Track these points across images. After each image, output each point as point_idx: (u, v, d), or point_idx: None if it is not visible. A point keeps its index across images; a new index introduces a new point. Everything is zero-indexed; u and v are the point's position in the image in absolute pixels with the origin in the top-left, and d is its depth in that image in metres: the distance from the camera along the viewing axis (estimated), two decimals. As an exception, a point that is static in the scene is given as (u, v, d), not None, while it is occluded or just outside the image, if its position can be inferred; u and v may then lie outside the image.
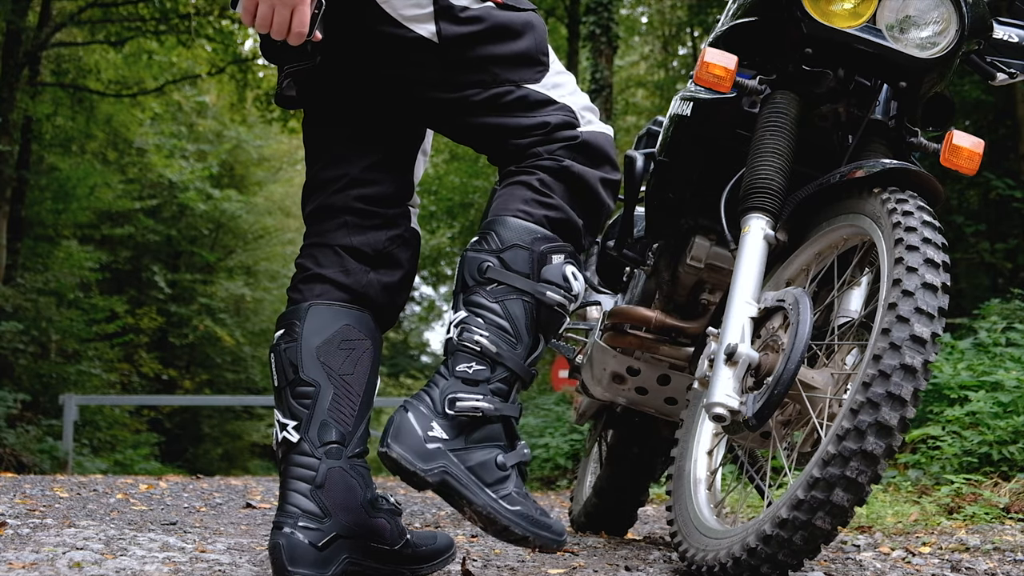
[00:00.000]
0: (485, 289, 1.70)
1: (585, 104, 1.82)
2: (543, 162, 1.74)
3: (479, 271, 1.70)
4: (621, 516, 3.36)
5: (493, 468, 1.64)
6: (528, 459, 1.70)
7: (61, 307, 14.19)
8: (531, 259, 1.70)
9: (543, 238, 1.71)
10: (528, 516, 1.63)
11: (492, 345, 1.67)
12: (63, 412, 11.91)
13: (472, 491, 1.62)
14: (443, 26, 1.72)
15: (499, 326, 1.68)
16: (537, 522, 1.64)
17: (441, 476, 1.61)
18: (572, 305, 1.75)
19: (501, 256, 1.70)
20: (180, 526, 2.77)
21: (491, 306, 1.69)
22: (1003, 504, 3.53)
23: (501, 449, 1.66)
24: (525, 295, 1.70)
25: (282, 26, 1.58)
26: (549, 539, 1.64)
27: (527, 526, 1.62)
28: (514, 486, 1.65)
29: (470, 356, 1.67)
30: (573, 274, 1.73)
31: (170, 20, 14.62)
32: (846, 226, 2.10)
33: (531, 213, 1.72)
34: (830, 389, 2.00)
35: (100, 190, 16.25)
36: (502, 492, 1.63)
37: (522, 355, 1.69)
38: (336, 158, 1.87)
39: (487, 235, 1.73)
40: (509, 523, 1.61)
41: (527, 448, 1.70)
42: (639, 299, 3.03)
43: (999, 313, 6.45)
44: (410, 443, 1.62)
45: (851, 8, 2.16)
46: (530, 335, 1.70)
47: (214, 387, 20.74)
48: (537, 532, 1.63)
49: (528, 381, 1.71)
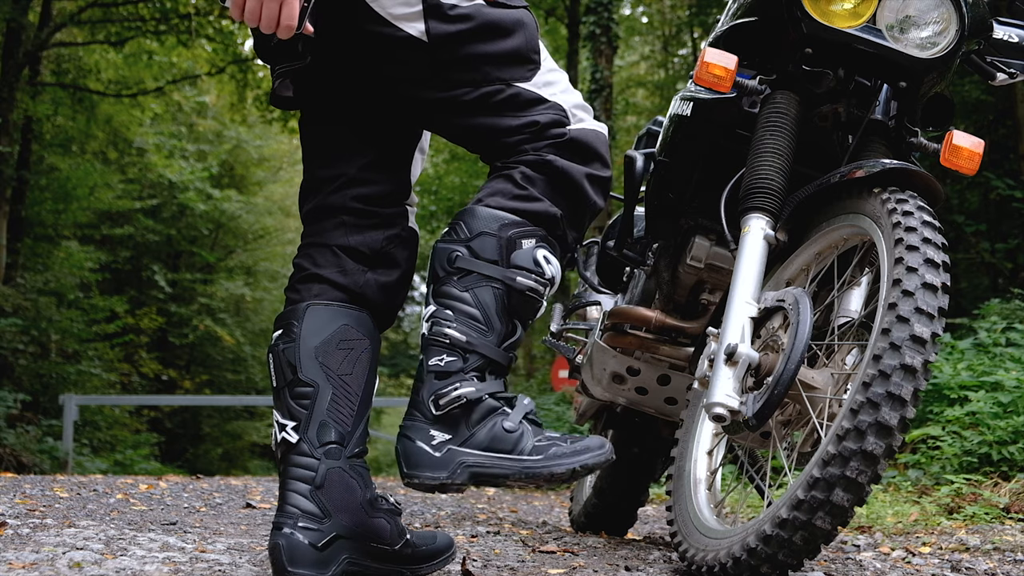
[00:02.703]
0: (454, 279, 1.71)
1: (577, 102, 1.81)
2: (527, 157, 1.74)
3: (448, 261, 1.72)
4: (621, 516, 3.36)
5: (504, 436, 1.66)
6: (531, 408, 1.71)
7: (61, 307, 14.19)
8: (499, 245, 1.70)
9: (511, 223, 1.71)
10: (562, 453, 1.65)
11: (461, 335, 1.68)
12: (63, 412, 11.91)
13: (501, 467, 1.65)
14: (432, 24, 1.71)
15: (469, 315, 1.69)
16: (575, 451, 1.66)
17: (467, 472, 1.65)
18: (547, 289, 1.75)
19: (469, 245, 1.71)
20: (180, 526, 2.77)
21: (461, 295, 1.70)
22: (1003, 504, 3.53)
23: (503, 415, 1.68)
24: (494, 282, 1.70)
25: (271, 19, 1.58)
26: (594, 457, 1.67)
27: (568, 461, 1.65)
28: (532, 438, 1.67)
29: (441, 349, 1.69)
30: (545, 258, 1.73)
31: (170, 20, 14.63)
32: (846, 226, 2.10)
33: (502, 203, 1.73)
34: (830, 389, 2.00)
35: (100, 190, 16.25)
36: (526, 449, 1.66)
37: (494, 341, 1.70)
38: (333, 158, 1.86)
39: (456, 225, 1.74)
40: (549, 470, 1.64)
41: (526, 399, 1.72)
42: (639, 299, 3.02)
43: (999, 313, 6.45)
44: (423, 462, 1.66)
45: (851, 8, 2.16)
46: (502, 322, 1.71)
47: (214, 387, 20.73)
48: (579, 459, 1.66)
49: (505, 365, 1.72)
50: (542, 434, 1.68)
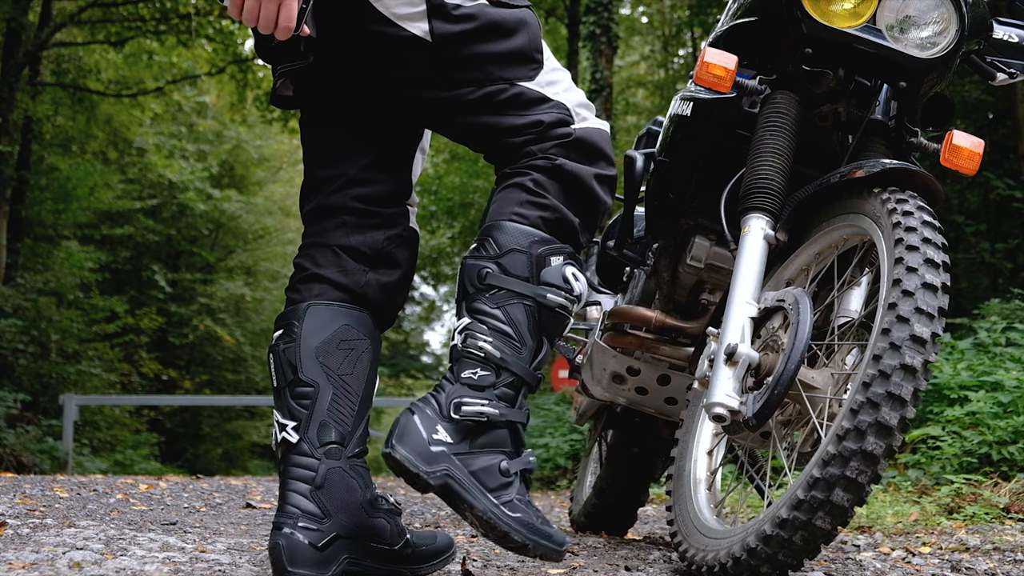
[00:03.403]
0: (486, 296, 1.70)
1: (580, 101, 1.81)
2: (536, 161, 1.74)
3: (479, 278, 1.70)
4: (621, 516, 3.36)
5: (496, 474, 1.64)
6: (533, 467, 1.69)
7: (61, 307, 14.18)
8: (529, 263, 1.70)
9: (540, 241, 1.71)
10: (529, 524, 1.63)
11: (496, 351, 1.67)
12: (63, 412, 11.90)
13: (473, 495, 1.62)
14: (436, 24, 1.71)
15: (502, 331, 1.68)
16: (538, 530, 1.63)
17: (443, 479, 1.62)
18: (575, 306, 1.74)
19: (499, 262, 1.70)
20: (180, 526, 2.77)
21: (493, 312, 1.68)
22: (1003, 504, 3.53)
23: (506, 455, 1.66)
24: (526, 299, 1.69)
25: (269, 20, 1.58)
26: (549, 548, 1.64)
27: (527, 534, 1.62)
28: (516, 493, 1.65)
29: (475, 362, 1.67)
30: (574, 275, 1.73)
31: (170, 20, 14.62)
32: (846, 226, 2.10)
33: (526, 216, 1.72)
34: (830, 389, 2.00)
35: (100, 190, 16.25)
36: (504, 498, 1.63)
37: (527, 359, 1.69)
38: (334, 158, 1.86)
39: (485, 241, 1.73)
40: (509, 529, 1.61)
41: (533, 456, 1.70)
42: (639, 299, 3.03)
43: (999, 313, 6.45)
44: (414, 445, 1.63)
45: (851, 8, 2.16)
46: (533, 338, 1.70)
47: (214, 387, 20.73)
48: (537, 540, 1.63)
49: (534, 385, 1.71)
50: (525, 496, 1.67)
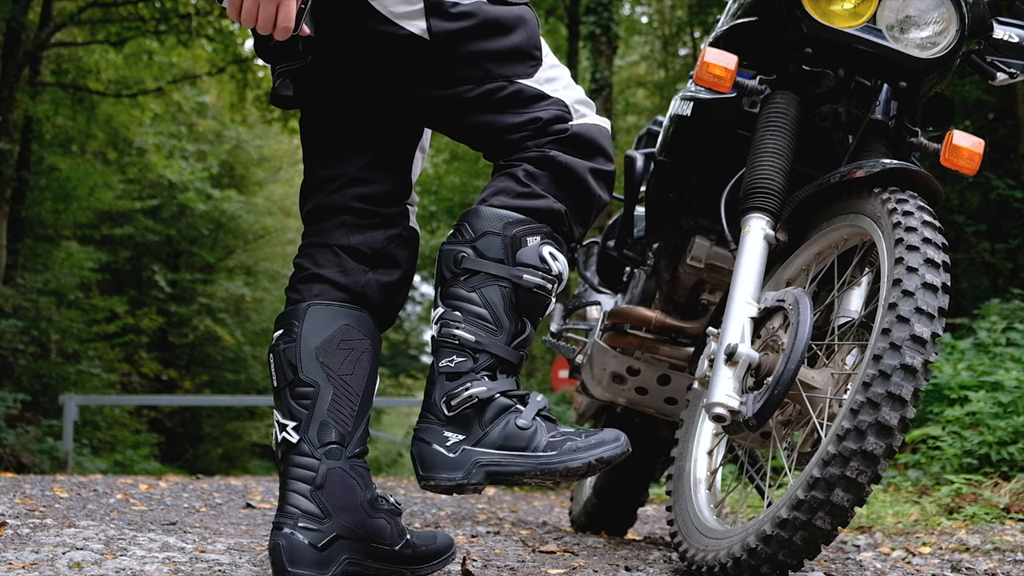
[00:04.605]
0: (461, 280, 1.71)
1: (579, 98, 1.81)
2: (529, 154, 1.74)
3: (455, 263, 1.72)
4: (621, 516, 3.36)
5: (518, 433, 1.66)
6: (544, 404, 1.71)
7: (61, 307, 14.17)
8: (504, 244, 1.70)
9: (515, 222, 1.71)
10: (577, 447, 1.64)
11: (470, 335, 1.68)
12: (63, 412, 11.89)
13: (516, 464, 1.64)
14: (434, 22, 1.71)
15: (477, 315, 1.69)
16: (590, 445, 1.65)
17: (482, 472, 1.64)
18: (554, 285, 1.74)
19: (474, 245, 1.71)
20: (180, 526, 2.77)
21: (468, 296, 1.70)
22: (1003, 504, 3.53)
23: (516, 412, 1.67)
24: (501, 280, 1.70)
25: (267, 21, 1.58)
26: (610, 449, 1.65)
27: (583, 456, 1.64)
28: (546, 434, 1.66)
29: (451, 350, 1.69)
30: (551, 254, 1.73)
31: (170, 20, 14.60)
32: (846, 226, 2.10)
33: (506, 201, 1.72)
34: (830, 389, 2.00)
35: (100, 190, 16.23)
36: (540, 445, 1.65)
37: (504, 340, 1.70)
38: (333, 157, 1.86)
39: (461, 227, 1.74)
40: (565, 465, 1.63)
41: (539, 396, 1.71)
42: (639, 299, 3.03)
43: (999, 313, 6.45)
44: (438, 463, 1.66)
45: (851, 8, 2.16)
46: (511, 320, 1.71)
47: (214, 387, 20.72)
48: (595, 453, 1.64)
49: (516, 363, 1.72)
50: (556, 429, 1.68)
